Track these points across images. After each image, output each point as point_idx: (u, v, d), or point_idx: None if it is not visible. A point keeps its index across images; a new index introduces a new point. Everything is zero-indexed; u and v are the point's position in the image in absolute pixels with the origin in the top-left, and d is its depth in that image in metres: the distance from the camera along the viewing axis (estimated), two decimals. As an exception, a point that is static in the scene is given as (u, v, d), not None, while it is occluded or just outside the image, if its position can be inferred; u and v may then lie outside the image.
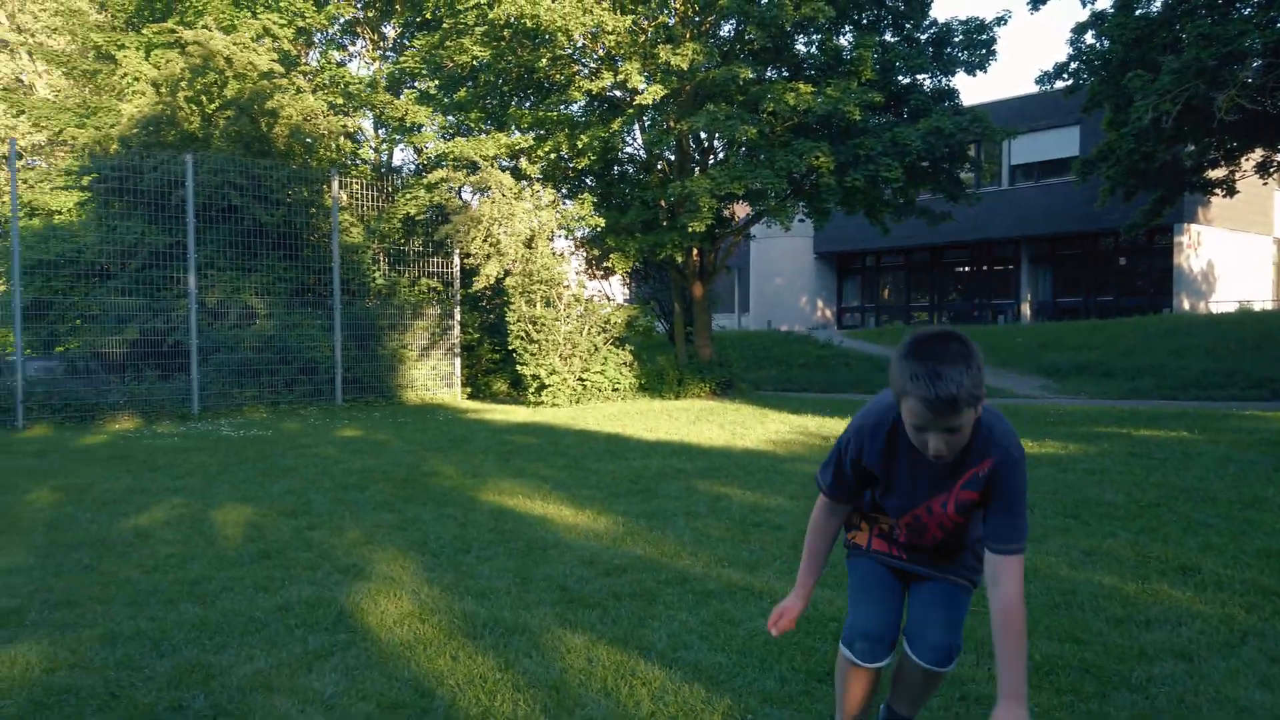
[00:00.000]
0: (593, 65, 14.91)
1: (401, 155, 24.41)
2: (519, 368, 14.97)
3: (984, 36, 14.86)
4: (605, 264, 15.91)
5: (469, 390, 17.80)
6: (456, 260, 16.73)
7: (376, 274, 16.82)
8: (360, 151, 19.23)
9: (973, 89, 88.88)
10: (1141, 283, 24.55)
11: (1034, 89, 20.13)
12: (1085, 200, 21.67)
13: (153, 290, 14.69)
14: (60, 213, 17.87)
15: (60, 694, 2.99)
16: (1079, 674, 2.99)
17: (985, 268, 27.42)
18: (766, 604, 3.82)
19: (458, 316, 17.26)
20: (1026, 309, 25.73)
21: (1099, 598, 3.77)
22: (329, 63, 19.22)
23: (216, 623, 3.74)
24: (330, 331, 15.80)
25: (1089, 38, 15.70)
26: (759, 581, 4.17)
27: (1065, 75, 15.85)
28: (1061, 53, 77.52)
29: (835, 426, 10.35)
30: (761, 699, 2.86)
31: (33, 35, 21.76)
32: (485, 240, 14.10)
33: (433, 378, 17.25)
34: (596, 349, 15.06)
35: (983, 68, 15.09)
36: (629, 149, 16.72)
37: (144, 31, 17.83)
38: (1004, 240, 25.89)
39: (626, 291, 23.86)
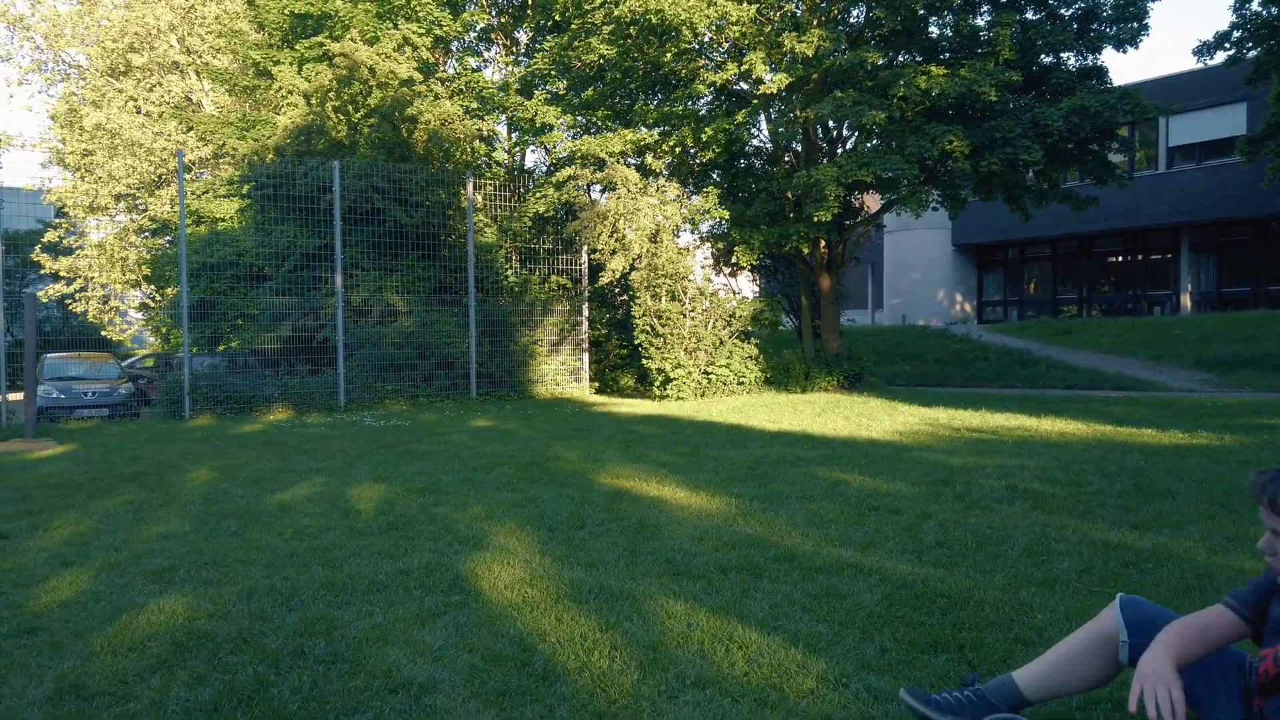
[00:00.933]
0: (718, 58, 14.89)
1: (533, 157, 25.02)
2: (644, 361, 15.11)
3: (1134, 9, 13.96)
4: (732, 259, 15.86)
5: (597, 385, 18.09)
6: (585, 258, 17.04)
7: (509, 272, 17.33)
8: (494, 154, 19.84)
9: (1123, 67, 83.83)
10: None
11: (1192, 64, 18.87)
12: (1254, 181, 20.09)
13: (303, 290, 15.62)
14: (223, 220, 19.21)
15: (200, 638, 3.24)
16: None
17: (1140, 257, 25.78)
18: (874, 580, 3.74)
19: (585, 313, 17.57)
20: (1186, 300, 24.03)
21: (1237, 580, 3.51)
22: (465, 69, 19.92)
23: (342, 583, 3.96)
24: (465, 328, 16.39)
25: (1254, 4, 14.55)
26: (869, 560, 4.09)
27: (1227, 45, 14.74)
28: (1223, 21, 72.03)
29: (968, 419, 9.98)
30: (859, 665, 2.81)
31: (199, 56, 23.50)
32: (611, 236, 14.30)
33: (562, 372, 17.63)
34: (721, 343, 15.03)
35: (1133, 43, 14.18)
36: (755, 141, 16.61)
37: (297, 47, 18.95)
38: (1161, 227, 24.27)
39: (756, 287, 23.67)
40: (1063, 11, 14.58)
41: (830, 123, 14.75)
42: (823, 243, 15.45)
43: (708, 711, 2.49)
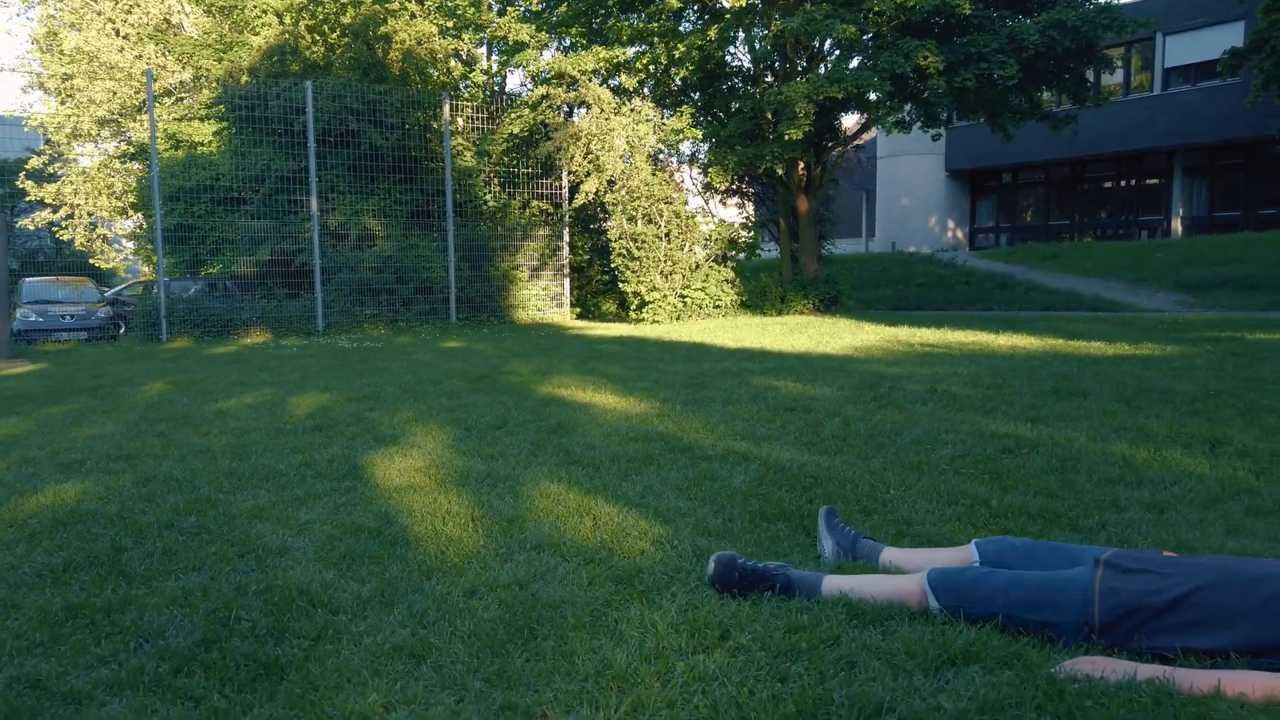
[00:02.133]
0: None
1: (515, 81, 24.65)
2: (620, 285, 15.12)
3: (1121, -81, 13.59)
4: (707, 180, 15.75)
5: (578, 310, 18.13)
6: (565, 182, 16.92)
7: (489, 196, 17.22)
8: (473, 75, 19.56)
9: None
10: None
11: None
12: (1255, 102, 19.69)
13: (280, 214, 15.57)
14: (202, 144, 19.06)
15: (80, 516, 3.34)
16: (1027, 518, 2.88)
17: (1133, 182, 25.46)
18: (754, 466, 3.82)
19: (566, 238, 17.51)
20: (1178, 225, 23.81)
21: (1102, 464, 3.58)
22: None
23: (243, 473, 4.06)
24: (444, 253, 16.37)
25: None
26: (760, 450, 4.17)
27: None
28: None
29: (928, 336, 10.02)
30: (698, 531, 2.90)
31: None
32: (585, 157, 14.18)
33: (543, 298, 17.66)
34: (697, 266, 15.02)
35: (1120, -46, 13.85)
36: (736, 61, 16.34)
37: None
38: (1155, 151, 23.92)
39: (747, 213, 23.52)
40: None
41: (804, 38, 14.47)
42: (801, 165, 15.31)
43: (532, 568, 2.58)
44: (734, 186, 20.01)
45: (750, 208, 21.96)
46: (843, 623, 2.08)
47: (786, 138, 12.94)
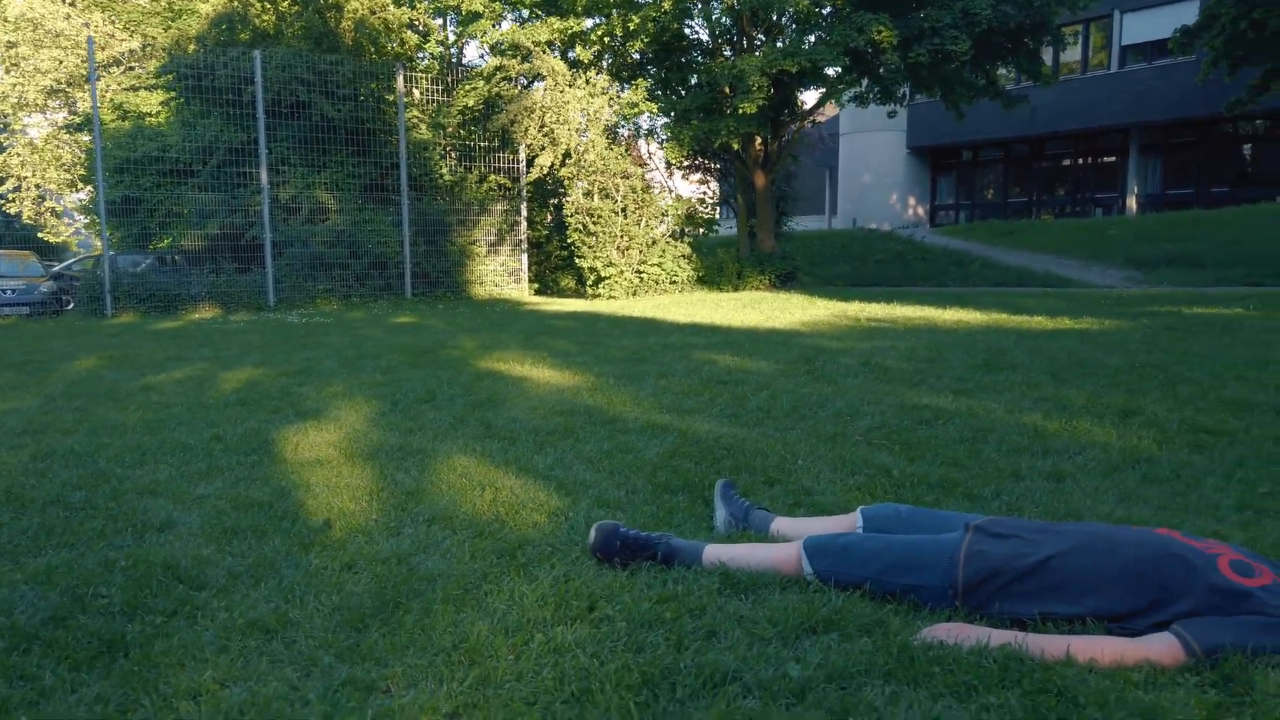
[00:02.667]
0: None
1: (472, 51, 24.28)
2: (577, 260, 15.01)
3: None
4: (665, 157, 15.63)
5: (537, 286, 17.99)
6: (523, 156, 16.72)
7: (444, 170, 16.99)
8: (428, 46, 19.24)
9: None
10: (1258, 169, 22.57)
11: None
12: (1207, 80, 19.88)
13: (231, 187, 15.26)
14: (150, 115, 18.60)
15: (-33, 490, 3.23)
16: (926, 487, 2.87)
17: (1090, 160, 25.69)
18: (671, 438, 3.78)
19: (524, 213, 17.34)
20: (1133, 202, 24.07)
21: (1013, 434, 3.58)
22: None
23: (149, 448, 3.95)
24: (399, 227, 16.14)
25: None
26: (682, 422, 4.13)
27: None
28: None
29: (876, 311, 10.04)
30: (597, 503, 2.86)
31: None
32: (540, 130, 14.01)
33: (501, 273, 17.49)
34: (654, 242, 14.93)
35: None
36: (693, 34, 16.19)
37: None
38: (1111, 129, 24.12)
39: (707, 189, 23.42)
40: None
41: (761, 10, 14.34)
42: (758, 140, 15.24)
43: (418, 541, 2.52)
44: (696, 162, 19.92)
45: (715, 185, 21.89)
46: (714, 592, 2.05)
47: (741, 111, 12.86)
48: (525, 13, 16.76)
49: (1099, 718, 1.51)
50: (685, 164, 18.88)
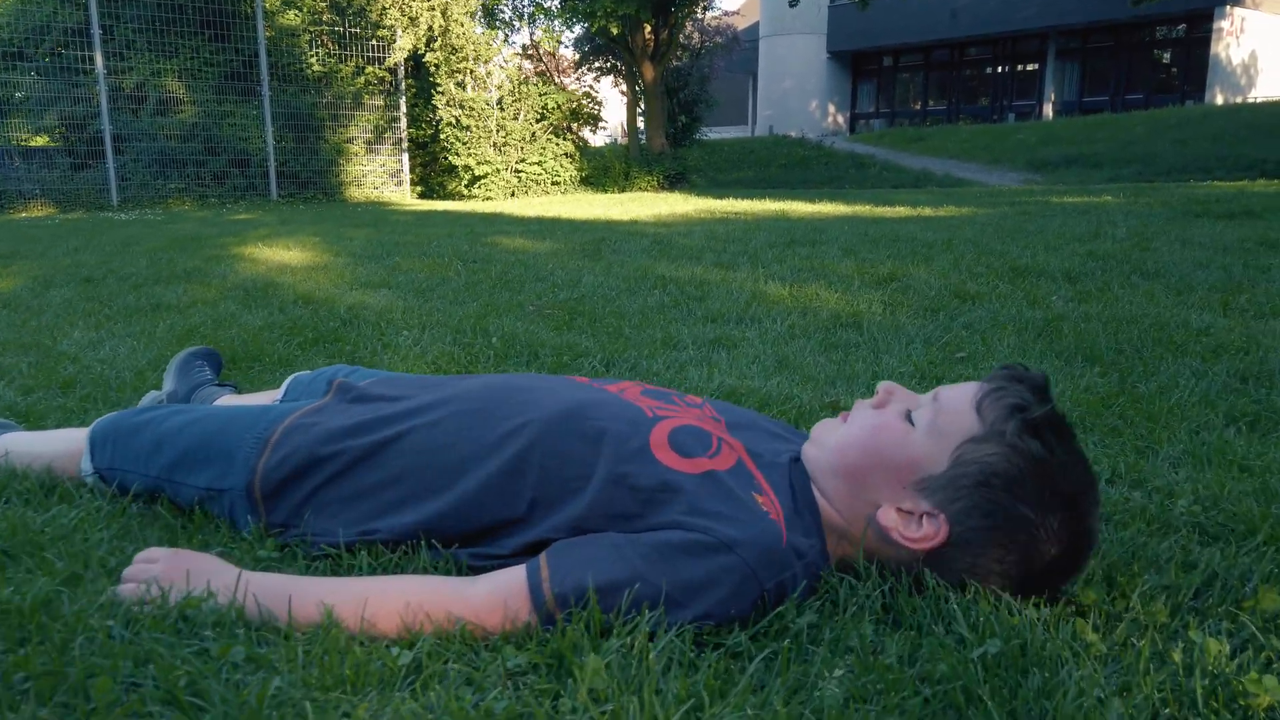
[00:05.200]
0: None
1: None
2: (450, 158, 13.98)
3: None
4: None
5: (421, 189, 16.88)
6: (402, 46, 15.43)
7: (313, 60, 15.64)
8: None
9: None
10: (1172, 76, 22.19)
11: None
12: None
13: (69, 73, 13.81)
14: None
15: None
16: (570, 357, 2.18)
17: (1009, 67, 25.05)
18: (318, 310, 3.04)
19: (404, 108, 16.11)
20: (1049, 110, 23.56)
21: (725, 302, 2.91)
22: None
23: None
24: (263, 122, 14.86)
25: None
26: (353, 296, 3.38)
27: None
28: None
29: (742, 207, 9.32)
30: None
31: None
32: (397, 7, 12.80)
33: (381, 175, 16.32)
34: (534, 138, 13.94)
35: None
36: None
37: None
38: (1030, 34, 23.42)
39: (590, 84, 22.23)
40: None
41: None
42: (647, 28, 14.21)
43: None
44: (606, 63, 18.75)
45: (621, 84, 20.77)
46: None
47: (615, -9, 11.86)
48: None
49: None
50: (584, 63, 17.76)
